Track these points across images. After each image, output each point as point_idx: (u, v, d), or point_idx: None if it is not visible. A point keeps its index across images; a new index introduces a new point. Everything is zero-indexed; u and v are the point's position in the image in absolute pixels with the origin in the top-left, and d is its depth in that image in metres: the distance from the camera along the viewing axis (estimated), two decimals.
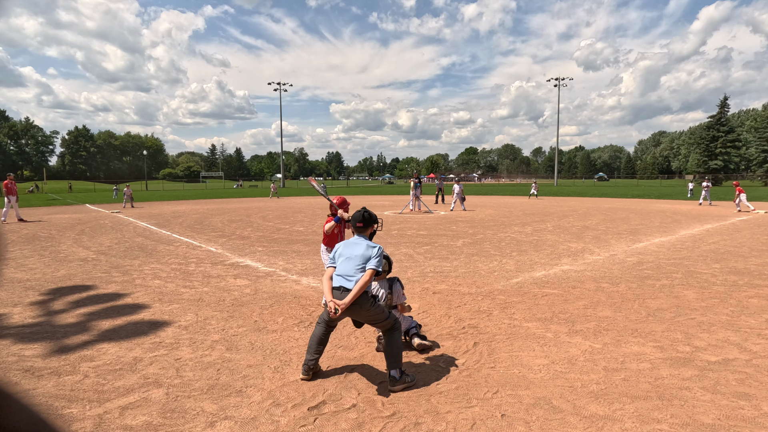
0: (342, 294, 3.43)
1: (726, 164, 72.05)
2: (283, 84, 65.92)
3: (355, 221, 3.82)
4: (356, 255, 3.59)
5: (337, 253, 3.69)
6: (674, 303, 5.50)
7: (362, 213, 3.82)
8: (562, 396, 3.19)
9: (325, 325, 3.58)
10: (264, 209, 22.22)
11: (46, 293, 6.19)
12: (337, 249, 3.73)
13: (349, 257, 3.58)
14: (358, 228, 3.81)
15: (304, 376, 3.49)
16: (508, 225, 14.28)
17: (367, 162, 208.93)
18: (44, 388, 3.34)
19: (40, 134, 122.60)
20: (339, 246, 3.74)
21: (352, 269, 3.53)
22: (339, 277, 3.52)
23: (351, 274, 3.50)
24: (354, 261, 3.56)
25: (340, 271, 3.55)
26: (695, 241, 10.51)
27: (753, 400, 3.10)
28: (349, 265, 3.54)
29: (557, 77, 67.46)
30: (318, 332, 3.57)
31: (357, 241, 3.73)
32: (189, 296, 5.96)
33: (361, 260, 3.57)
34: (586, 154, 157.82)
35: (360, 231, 3.81)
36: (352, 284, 3.46)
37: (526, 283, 6.58)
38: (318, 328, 3.59)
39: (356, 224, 3.80)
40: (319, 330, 3.57)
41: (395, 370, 3.38)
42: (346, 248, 3.68)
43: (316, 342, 3.54)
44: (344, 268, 3.53)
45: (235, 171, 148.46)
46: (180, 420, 2.90)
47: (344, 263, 3.57)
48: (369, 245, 3.67)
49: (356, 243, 3.70)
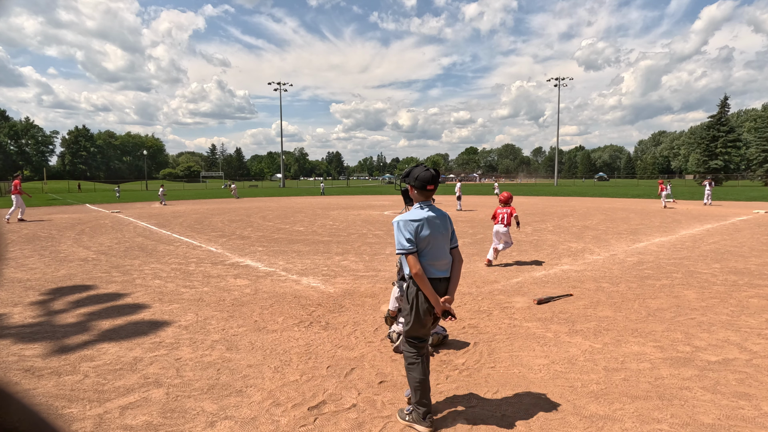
0: (441, 286, 2.80)
1: (726, 164, 72.01)
2: (283, 84, 65.92)
3: (424, 182, 2.80)
4: (445, 231, 2.86)
5: (415, 231, 2.74)
6: (674, 303, 5.50)
7: (430, 170, 2.84)
8: (562, 396, 3.19)
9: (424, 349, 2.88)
10: (264, 209, 22.23)
11: (47, 293, 6.20)
12: (409, 225, 2.75)
13: (436, 235, 2.80)
14: (429, 191, 2.84)
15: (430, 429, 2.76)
16: None
17: (367, 162, 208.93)
18: (44, 387, 3.34)
19: (40, 134, 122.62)
20: (414, 221, 2.75)
21: (446, 250, 2.86)
22: (430, 264, 2.78)
23: (446, 257, 2.85)
24: (444, 239, 2.85)
25: (430, 256, 2.79)
26: (695, 241, 10.51)
27: (753, 400, 3.10)
28: (442, 246, 2.83)
29: (558, 77, 67.49)
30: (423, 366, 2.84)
31: (435, 212, 2.86)
32: (189, 296, 5.96)
33: (449, 236, 2.89)
34: (587, 153, 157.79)
35: (429, 195, 2.86)
36: (448, 271, 2.85)
37: (526, 283, 6.58)
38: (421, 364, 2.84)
39: (426, 187, 2.81)
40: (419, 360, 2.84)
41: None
42: (431, 224, 2.79)
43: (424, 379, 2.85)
44: (436, 251, 2.80)
45: (235, 171, 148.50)
46: (180, 420, 2.90)
47: (434, 244, 2.79)
48: (446, 215, 2.95)
49: (439, 215, 2.86)
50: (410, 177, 2.84)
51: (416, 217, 2.76)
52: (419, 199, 2.86)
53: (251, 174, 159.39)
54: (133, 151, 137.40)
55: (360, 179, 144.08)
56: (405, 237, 2.74)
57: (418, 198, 2.86)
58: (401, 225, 2.76)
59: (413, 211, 2.83)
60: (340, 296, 5.96)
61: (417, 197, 2.86)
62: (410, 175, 2.84)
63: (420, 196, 2.84)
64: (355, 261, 8.40)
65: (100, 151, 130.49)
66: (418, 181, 2.80)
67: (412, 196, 2.94)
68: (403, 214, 2.86)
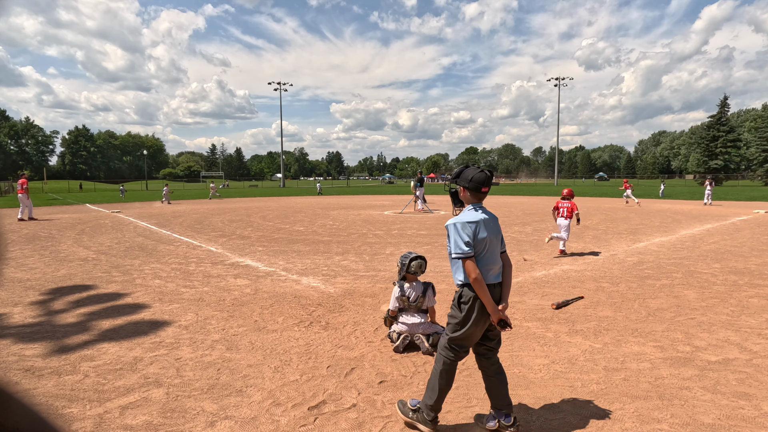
0: (495, 292, 2.69)
1: (726, 164, 72.05)
2: (283, 84, 65.94)
3: (479, 184, 2.70)
4: (497, 234, 2.78)
5: (473, 233, 2.63)
6: (674, 303, 5.50)
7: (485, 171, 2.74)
8: (562, 396, 3.19)
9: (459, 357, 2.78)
10: (264, 209, 22.23)
11: (47, 293, 6.20)
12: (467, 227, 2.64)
13: (491, 238, 2.71)
14: (484, 193, 2.75)
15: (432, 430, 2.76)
16: (508, 225, 14.27)
17: (367, 162, 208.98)
18: (44, 387, 3.34)
19: (40, 134, 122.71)
20: (471, 223, 2.65)
21: (498, 254, 2.77)
22: (486, 269, 2.67)
23: (498, 261, 2.75)
24: (497, 242, 2.76)
25: (486, 261, 2.68)
26: (695, 241, 10.51)
27: (753, 400, 3.10)
28: (495, 250, 2.74)
29: (558, 77, 67.49)
30: (451, 369, 2.78)
31: (488, 214, 2.78)
32: (189, 296, 5.96)
33: (501, 239, 2.82)
34: (587, 153, 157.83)
35: (483, 197, 2.78)
36: (500, 275, 2.75)
37: (526, 283, 6.58)
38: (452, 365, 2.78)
39: (481, 189, 2.71)
40: (453, 367, 2.79)
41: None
42: (487, 227, 2.69)
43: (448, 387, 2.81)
44: (491, 255, 2.70)
45: (235, 171, 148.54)
46: (180, 420, 2.90)
47: (489, 247, 2.69)
48: (497, 218, 2.85)
49: (491, 218, 2.78)
50: (462, 178, 2.73)
51: (473, 219, 2.66)
52: (472, 201, 2.76)
53: (251, 174, 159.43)
54: (133, 151, 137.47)
55: (360, 179, 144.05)
56: (464, 240, 2.62)
57: (471, 200, 2.76)
58: (459, 227, 2.64)
59: (467, 213, 2.73)
60: (340, 296, 5.96)
61: (470, 199, 2.76)
62: (462, 177, 2.74)
63: (473, 198, 2.74)
64: (355, 261, 8.40)
65: (100, 151, 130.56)
66: (473, 182, 2.69)
67: (463, 198, 2.83)
68: (457, 216, 2.78)
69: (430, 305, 4.26)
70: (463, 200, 2.84)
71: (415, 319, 4.11)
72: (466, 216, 2.70)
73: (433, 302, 4.27)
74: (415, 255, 4.27)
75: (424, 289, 4.22)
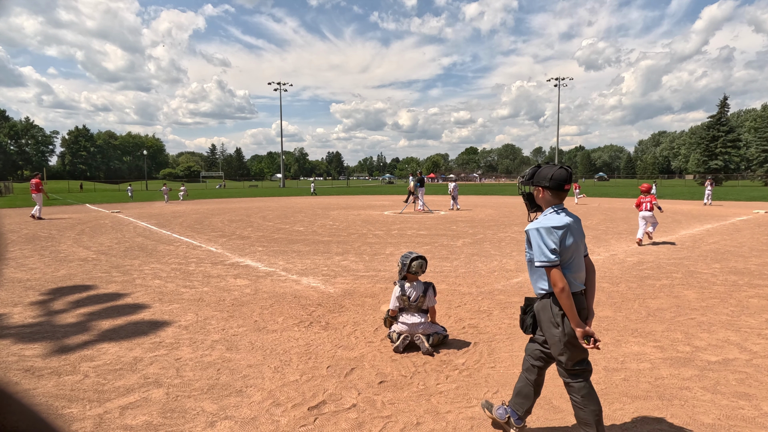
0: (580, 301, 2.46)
1: (726, 164, 72.07)
2: (283, 84, 65.95)
3: (561, 181, 2.48)
4: (582, 238, 2.55)
5: (560, 240, 2.39)
6: (674, 303, 5.50)
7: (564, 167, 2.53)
8: (562, 396, 3.19)
9: (590, 371, 2.52)
10: (264, 209, 22.23)
11: (46, 293, 6.19)
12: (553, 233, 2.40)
13: (579, 243, 2.48)
14: (566, 191, 2.53)
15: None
16: (508, 225, 14.27)
17: (367, 162, 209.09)
18: (44, 388, 3.34)
19: (40, 134, 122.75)
20: (558, 229, 2.40)
21: (583, 259, 2.53)
22: (573, 277, 2.44)
23: (583, 267, 2.53)
24: (583, 246, 2.54)
25: (573, 268, 2.45)
26: (695, 241, 10.51)
27: (753, 400, 3.10)
28: (581, 255, 2.52)
29: (558, 77, 67.53)
30: (591, 392, 2.49)
31: (573, 216, 2.53)
32: (189, 296, 5.96)
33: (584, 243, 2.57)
34: (587, 153, 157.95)
35: (565, 196, 2.56)
36: (584, 282, 2.51)
37: (526, 283, 6.58)
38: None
39: (564, 186, 2.49)
40: (591, 388, 2.50)
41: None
42: (573, 231, 2.46)
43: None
44: (578, 262, 2.48)
45: (235, 171, 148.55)
46: (180, 420, 2.90)
47: (576, 254, 2.47)
48: (580, 219, 2.62)
49: (576, 220, 2.54)
50: (540, 177, 2.52)
51: (560, 224, 2.41)
52: (553, 202, 2.51)
53: (251, 174, 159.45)
54: (133, 151, 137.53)
55: (360, 179, 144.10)
56: (550, 247, 2.37)
57: (552, 200, 2.51)
58: (543, 233, 2.40)
59: (552, 216, 2.47)
60: (340, 296, 5.96)
61: (551, 200, 2.51)
62: (538, 176, 2.53)
63: (555, 198, 2.51)
64: (355, 261, 8.40)
65: (100, 151, 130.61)
66: (554, 180, 2.46)
67: (540, 200, 2.58)
68: (538, 220, 2.51)
69: (431, 305, 4.27)
70: (542, 202, 2.58)
71: (416, 319, 4.11)
72: (551, 220, 2.44)
73: (433, 302, 4.28)
74: (416, 255, 4.27)
75: (425, 288, 4.22)
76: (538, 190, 2.57)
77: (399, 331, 4.10)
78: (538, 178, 2.53)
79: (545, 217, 2.50)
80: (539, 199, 2.59)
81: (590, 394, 2.46)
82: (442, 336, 4.19)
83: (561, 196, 2.51)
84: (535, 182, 2.55)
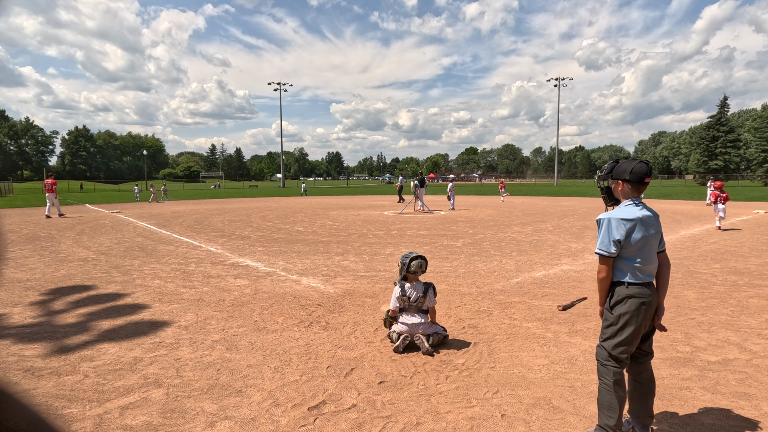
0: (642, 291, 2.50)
1: (726, 164, 72.10)
2: (283, 84, 65.95)
3: (641, 175, 2.53)
4: (657, 232, 2.56)
5: (626, 232, 2.46)
6: (674, 303, 5.50)
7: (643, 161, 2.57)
8: (562, 396, 3.19)
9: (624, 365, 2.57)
10: (264, 209, 22.23)
11: (46, 293, 6.19)
12: (621, 225, 2.47)
13: (648, 238, 2.51)
14: (646, 184, 2.56)
15: None
16: (508, 225, 14.27)
17: (367, 162, 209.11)
18: (44, 388, 3.34)
19: (40, 134, 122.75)
20: (628, 221, 2.47)
21: (655, 253, 2.57)
22: (638, 269, 2.50)
23: (655, 261, 2.57)
24: (656, 241, 2.56)
25: (641, 260, 2.50)
26: (695, 241, 10.51)
27: (753, 400, 3.10)
28: (653, 249, 2.55)
29: (558, 77, 67.56)
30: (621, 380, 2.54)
31: (649, 210, 2.57)
32: (189, 296, 5.95)
33: (660, 238, 2.60)
34: (587, 154, 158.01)
35: (644, 189, 2.59)
36: (653, 275, 2.57)
37: (526, 283, 6.58)
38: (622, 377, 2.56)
39: (644, 180, 2.54)
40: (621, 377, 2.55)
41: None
42: (645, 225, 2.49)
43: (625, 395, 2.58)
44: (647, 255, 2.52)
45: (235, 171, 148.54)
46: (180, 420, 2.90)
47: (646, 247, 2.51)
48: (658, 215, 2.63)
49: (652, 215, 2.57)
50: (619, 171, 2.58)
51: (630, 217, 2.46)
52: (632, 195, 2.56)
53: (251, 174, 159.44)
54: (133, 151, 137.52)
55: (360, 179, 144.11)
56: (614, 238, 2.47)
57: (631, 194, 2.56)
58: (612, 223, 2.48)
59: (626, 208, 2.53)
60: (340, 296, 5.96)
61: (629, 193, 2.57)
62: (617, 170, 2.59)
63: (634, 192, 2.56)
64: (355, 261, 8.40)
65: (99, 152, 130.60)
66: (634, 174, 2.51)
67: (619, 193, 2.63)
68: (613, 210, 2.59)
69: (431, 305, 4.26)
70: (620, 195, 2.64)
71: (416, 319, 4.11)
72: (624, 212, 2.50)
73: (433, 302, 4.27)
74: (415, 255, 4.27)
75: (425, 289, 4.22)
76: (617, 183, 2.63)
77: (399, 332, 4.10)
78: (617, 172, 2.61)
79: (620, 209, 2.57)
80: (618, 192, 2.66)
81: (619, 383, 2.53)
82: (442, 336, 4.19)
83: (640, 189, 2.57)
84: (615, 176, 2.63)
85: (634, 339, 2.52)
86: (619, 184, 2.62)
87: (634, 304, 2.48)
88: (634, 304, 2.48)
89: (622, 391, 2.53)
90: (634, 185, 2.55)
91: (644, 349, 2.64)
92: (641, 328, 2.51)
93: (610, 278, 2.54)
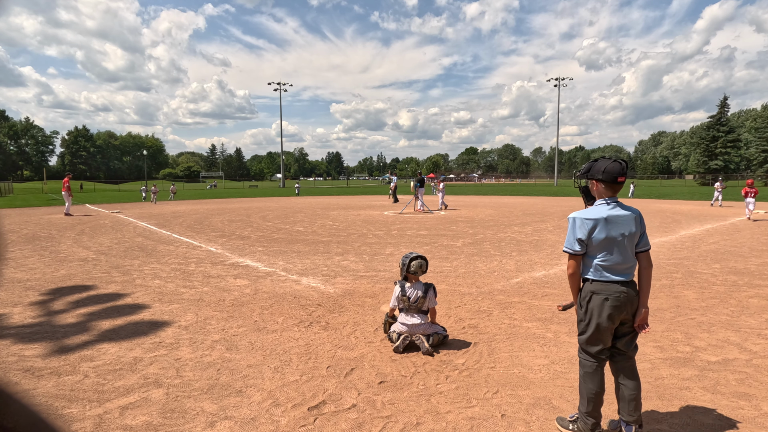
0: (617, 289, 2.53)
1: (726, 164, 72.09)
2: (283, 84, 65.96)
3: (614, 174, 2.55)
4: (629, 231, 2.54)
5: (589, 232, 2.54)
6: (674, 303, 5.50)
7: (618, 161, 2.59)
8: (562, 396, 3.19)
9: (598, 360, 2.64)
10: (264, 209, 22.23)
11: (46, 293, 6.19)
12: (585, 225, 2.56)
13: (614, 237, 2.53)
14: (620, 184, 2.58)
15: None
16: (508, 225, 14.27)
17: (367, 162, 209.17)
18: (44, 388, 3.34)
19: (40, 134, 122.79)
20: (590, 220, 2.54)
21: (628, 253, 2.57)
22: (605, 267, 2.55)
23: (628, 260, 2.57)
24: (629, 240, 2.55)
25: (607, 260, 2.54)
26: (695, 241, 10.51)
27: (753, 400, 3.10)
28: (623, 248, 2.55)
29: (558, 77, 67.57)
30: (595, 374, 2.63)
31: (622, 209, 2.58)
32: (189, 296, 5.96)
33: (635, 237, 2.59)
34: (587, 154, 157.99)
35: (618, 188, 2.61)
36: (629, 275, 2.59)
37: (526, 283, 6.58)
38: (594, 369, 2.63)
39: (617, 179, 2.56)
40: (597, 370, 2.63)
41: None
42: (610, 224, 2.53)
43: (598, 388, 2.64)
44: (618, 255, 2.54)
45: (235, 171, 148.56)
46: (180, 420, 2.90)
47: (612, 247, 2.54)
48: (636, 213, 2.62)
49: (625, 214, 2.57)
50: (594, 171, 2.61)
51: (593, 216, 2.54)
52: (606, 195, 2.60)
53: (251, 174, 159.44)
54: (133, 151, 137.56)
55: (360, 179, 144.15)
56: (577, 236, 2.58)
57: (605, 193, 2.60)
58: (577, 222, 2.60)
59: (594, 208, 2.62)
60: (340, 296, 5.96)
61: (603, 192, 2.61)
62: (593, 170, 2.62)
63: (608, 191, 2.60)
64: (355, 261, 8.40)
65: (99, 152, 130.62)
66: (607, 174, 2.55)
67: (595, 192, 2.68)
68: (582, 210, 2.69)
69: (431, 306, 4.26)
70: (596, 194, 2.68)
71: (415, 319, 4.11)
72: (589, 212, 2.59)
73: (434, 303, 4.27)
74: (415, 255, 4.27)
75: (426, 289, 4.21)
76: (592, 183, 2.68)
77: (399, 332, 4.10)
78: (593, 172, 2.64)
79: (588, 209, 2.66)
80: (595, 191, 2.70)
81: (592, 376, 2.65)
82: (442, 336, 4.19)
83: (614, 188, 2.59)
84: (590, 176, 2.66)
85: (601, 335, 2.58)
86: (594, 183, 2.66)
87: (596, 300, 2.57)
88: (597, 300, 2.56)
89: (593, 384, 2.62)
90: (607, 185, 2.58)
91: (619, 347, 2.65)
92: (609, 325, 2.56)
93: (579, 275, 2.66)
